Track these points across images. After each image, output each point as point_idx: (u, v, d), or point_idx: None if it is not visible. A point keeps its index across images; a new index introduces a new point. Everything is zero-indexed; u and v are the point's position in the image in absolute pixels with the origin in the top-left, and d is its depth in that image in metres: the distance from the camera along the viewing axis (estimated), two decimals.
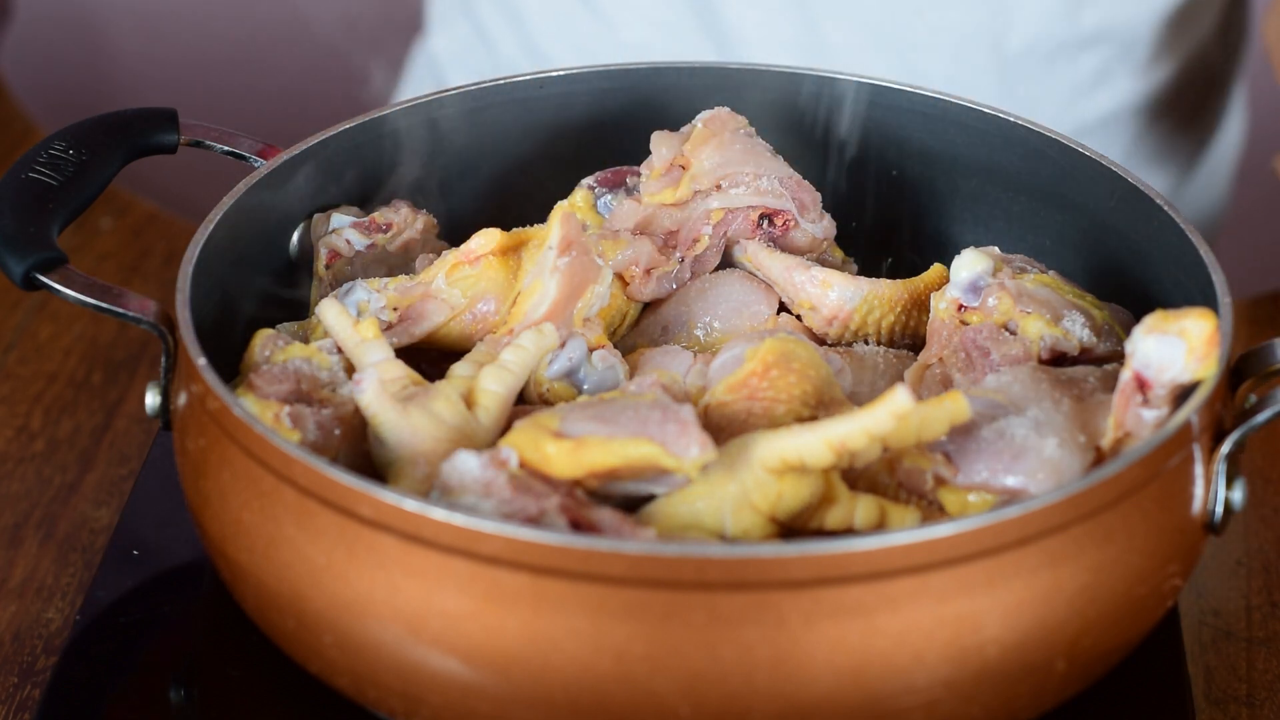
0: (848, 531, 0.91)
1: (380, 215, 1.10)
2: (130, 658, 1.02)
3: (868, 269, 1.14)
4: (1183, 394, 0.93)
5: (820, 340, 1.07)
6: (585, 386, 1.01)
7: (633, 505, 0.92)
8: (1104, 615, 0.90)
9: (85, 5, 2.26)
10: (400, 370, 0.97)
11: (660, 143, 1.11)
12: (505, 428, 0.97)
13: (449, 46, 1.64)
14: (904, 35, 1.47)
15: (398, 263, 1.10)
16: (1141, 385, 0.93)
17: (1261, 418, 0.94)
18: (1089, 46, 1.50)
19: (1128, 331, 1.02)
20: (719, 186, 1.08)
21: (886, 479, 0.94)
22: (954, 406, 0.91)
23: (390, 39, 2.00)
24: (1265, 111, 2.11)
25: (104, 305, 0.98)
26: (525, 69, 1.12)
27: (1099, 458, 0.94)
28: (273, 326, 1.04)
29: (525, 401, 1.01)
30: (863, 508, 0.92)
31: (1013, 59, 1.48)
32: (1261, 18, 1.50)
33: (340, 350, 0.99)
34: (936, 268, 1.08)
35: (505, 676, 0.86)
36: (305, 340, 1.03)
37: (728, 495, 0.90)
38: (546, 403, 1.00)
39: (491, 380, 0.97)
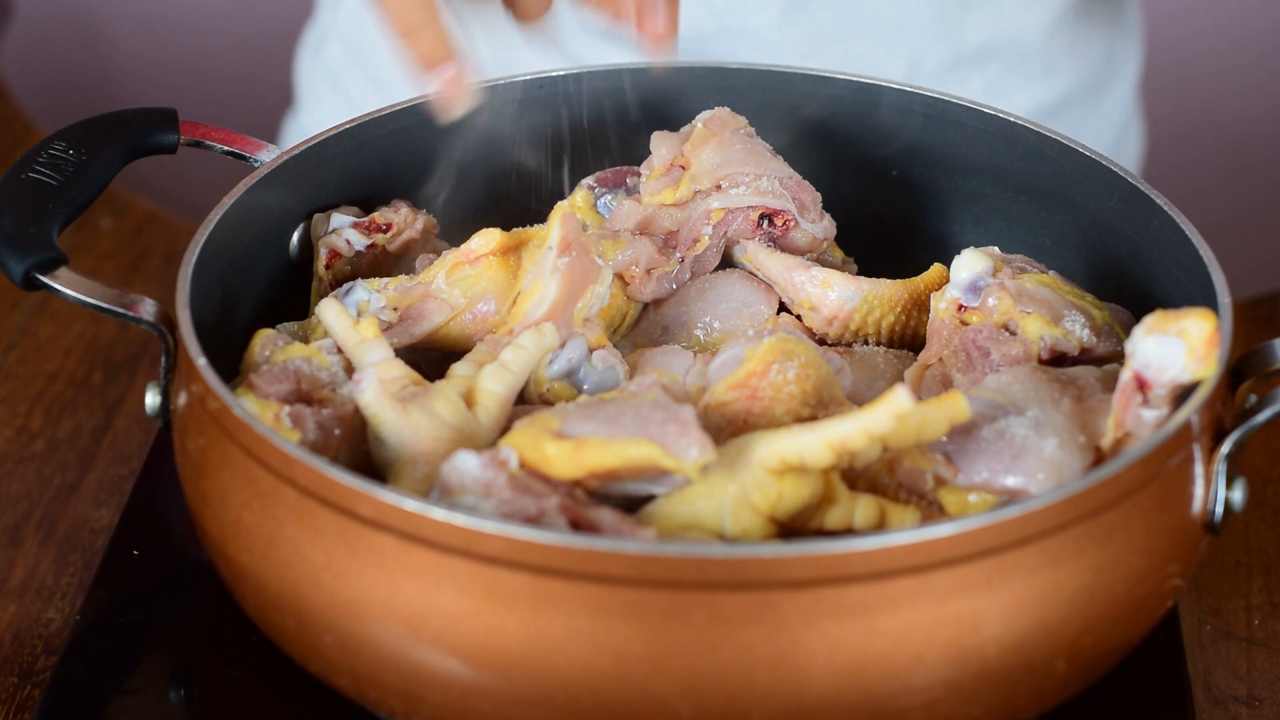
0: (848, 531, 0.91)
1: (380, 215, 1.10)
2: (130, 658, 1.02)
3: (868, 269, 1.14)
4: (1183, 394, 0.93)
5: (820, 340, 1.07)
6: (585, 386, 1.01)
7: (633, 505, 0.92)
8: (1104, 615, 0.90)
9: (85, 5, 2.26)
10: (400, 370, 0.97)
11: (660, 143, 1.11)
12: (505, 428, 0.97)
13: (320, 121, 1.63)
14: None
15: (397, 263, 1.10)
16: (1141, 385, 0.93)
17: (1261, 418, 0.94)
18: (978, 64, 1.49)
19: (1128, 331, 1.02)
20: (719, 187, 1.09)
21: (886, 479, 0.94)
22: (954, 406, 0.91)
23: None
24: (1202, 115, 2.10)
25: (104, 305, 0.98)
26: None
27: (1099, 458, 0.94)
28: (273, 326, 1.04)
29: (525, 401, 1.01)
30: (863, 508, 0.92)
31: None
32: None
33: (340, 350, 0.99)
34: (936, 268, 1.08)
35: (505, 676, 0.86)
36: (305, 340, 1.03)
37: (727, 495, 0.90)
38: (546, 403, 1.00)
39: (491, 380, 0.97)
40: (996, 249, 1.05)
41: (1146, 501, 0.90)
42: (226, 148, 1.11)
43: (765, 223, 1.09)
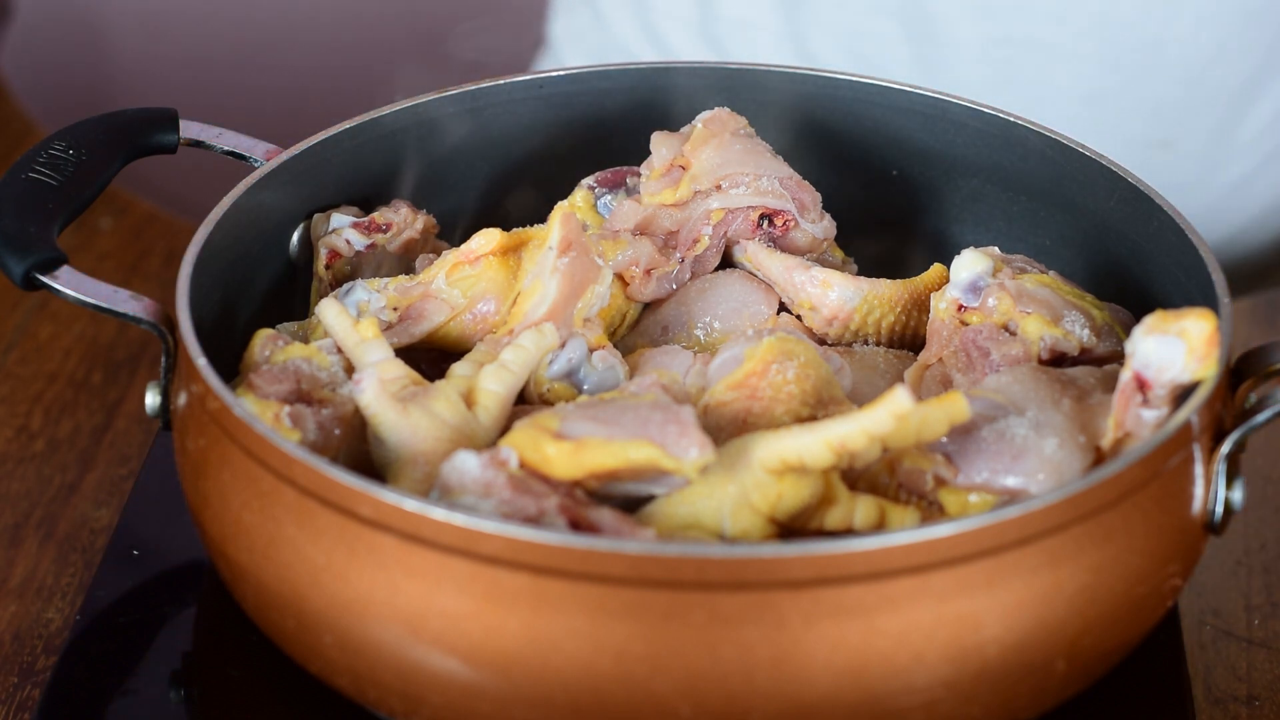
0: (848, 532, 0.91)
1: (380, 215, 1.10)
2: (130, 658, 1.02)
3: (868, 269, 1.14)
4: (1183, 394, 0.93)
5: (820, 340, 1.07)
6: (585, 387, 1.01)
7: (633, 505, 0.92)
8: (1104, 615, 0.90)
9: (85, 5, 2.26)
10: (400, 370, 0.97)
11: (660, 143, 1.11)
12: (505, 428, 0.97)
13: (564, 30, 1.64)
14: None
15: (397, 263, 1.10)
16: (1141, 385, 0.93)
17: (1261, 418, 0.94)
18: None
19: (1128, 331, 1.02)
20: (719, 187, 1.08)
21: (886, 479, 0.94)
22: (953, 407, 0.91)
23: (395, 38, 2.01)
24: None
25: (104, 305, 0.98)
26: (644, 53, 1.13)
27: (1099, 458, 0.94)
28: (273, 326, 1.04)
29: (525, 401, 1.01)
30: (862, 508, 0.92)
31: None
32: None
33: (340, 350, 0.99)
34: (936, 268, 1.08)
35: (505, 676, 0.86)
36: (305, 340, 1.03)
37: (727, 496, 0.90)
38: (546, 403, 1.00)
39: (491, 380, 0.97)
40: (996, 249, 1.05)
41: (1146, 501, 0.90)
42: (226, 148, 1.11)
43: (765, 223, 1.09)
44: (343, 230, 1.09)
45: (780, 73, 1.17)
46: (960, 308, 1.03)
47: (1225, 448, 0.94)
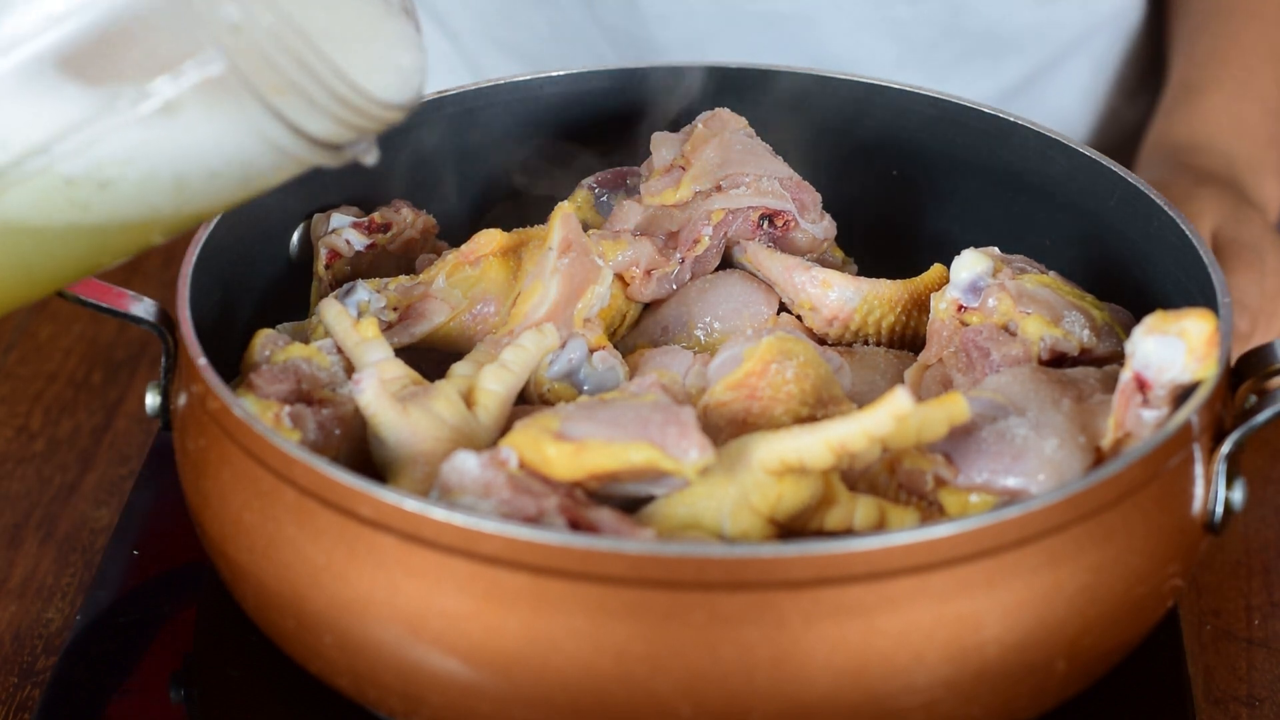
0: (847, 532, 0.91)
1: (380, 215, 1.10)
2: (130, 658, 1.02)
3: (868, 269, 1.13)
4: (1183, 394, 0.93)
5: (820, 340, 1.07)
6: (585, 387, 1.01)
7: (632, 505, 0.92)
8: (1104, 615, 0.90)
9: None
10: (400, 370, 0.97)
11: (660, 143, 1.11)
12: (505, 428, 0.97)
13: None
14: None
15: (397, 263, 1.10)
16: (1141, 385, 0.93)
17: (1261, 418, 0.94)
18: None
19: (1128, 332, 1.02)
20: (719, 187, 1.08)
21: (886, 479, 0.94)
22: (953, 407, 0.91)
23: None
24: None
25: (104, 305, 0.98)
26: None
27: (1099, 458, 0.94)
28: (273, 326, 1.04)
29: (525, 401, 1.01)
30: (862, 509, 0.92)
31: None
32: None
33: (340, 350, 0.99)
34: (936, 268, 1.08)
35: (505, 676, 0.86)
36: (305, 340, 1.03)
37: (727, 496, 0.90)
38: (547, 403, 1.00)
39: (492, 380, 0.97)
40: (996, 249, 1.05)
41: (1146, 501, 0.90)
42: None
43: (765, 223, 1.09)
44: (343, 230, 1.09)
45: (780, 73, 1.17)
46: (960, 308, 1.03)
47: (1225, 448, 0.94)
